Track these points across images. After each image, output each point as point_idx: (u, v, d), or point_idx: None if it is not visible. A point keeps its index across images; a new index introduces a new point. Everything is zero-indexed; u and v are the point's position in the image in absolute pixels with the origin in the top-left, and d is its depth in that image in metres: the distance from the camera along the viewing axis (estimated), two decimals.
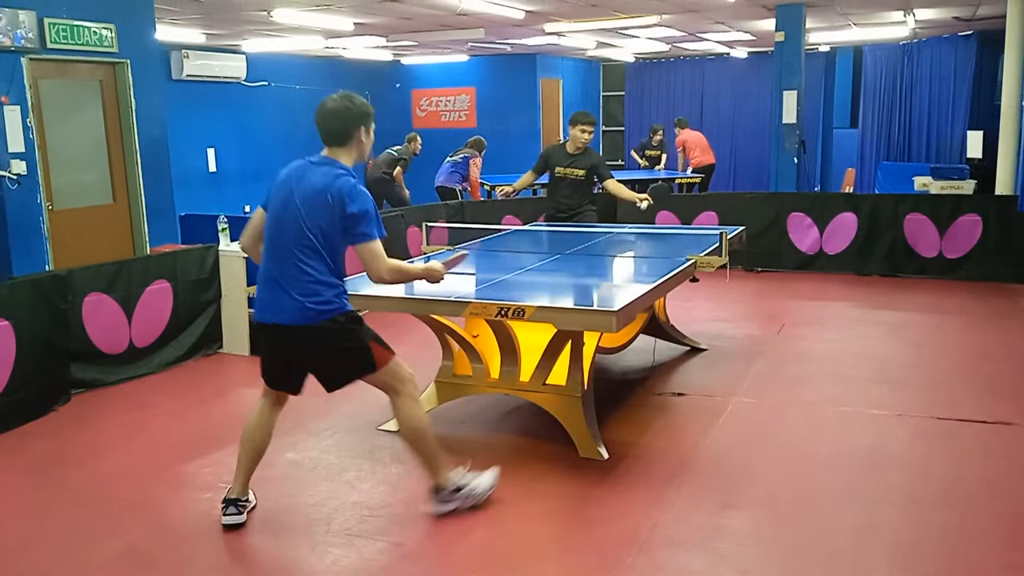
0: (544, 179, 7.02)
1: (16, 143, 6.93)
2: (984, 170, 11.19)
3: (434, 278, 3.73)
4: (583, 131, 6.56)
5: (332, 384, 3.62)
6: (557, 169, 6.64)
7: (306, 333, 3.43)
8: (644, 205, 6.32)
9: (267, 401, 3.74)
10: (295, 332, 3.44)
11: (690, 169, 13.09)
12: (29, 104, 7.05)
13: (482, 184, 11.66)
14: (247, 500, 3.71)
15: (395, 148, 11.41)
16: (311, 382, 3.65)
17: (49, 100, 7.33)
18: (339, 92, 3.55)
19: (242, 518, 3.64)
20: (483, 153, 11.73)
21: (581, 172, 6.58)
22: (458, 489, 3.70)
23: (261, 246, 3.59)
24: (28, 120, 7.03)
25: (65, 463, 4.43)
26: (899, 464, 4.20)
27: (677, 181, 12.91)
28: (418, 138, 11.73)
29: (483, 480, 3.79)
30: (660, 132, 13.76)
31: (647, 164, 13.71)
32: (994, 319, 7.00)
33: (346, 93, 3.56)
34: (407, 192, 11.46)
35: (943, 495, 3.84)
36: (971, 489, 3.90)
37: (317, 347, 3.48)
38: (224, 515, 3.63)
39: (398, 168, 11.25)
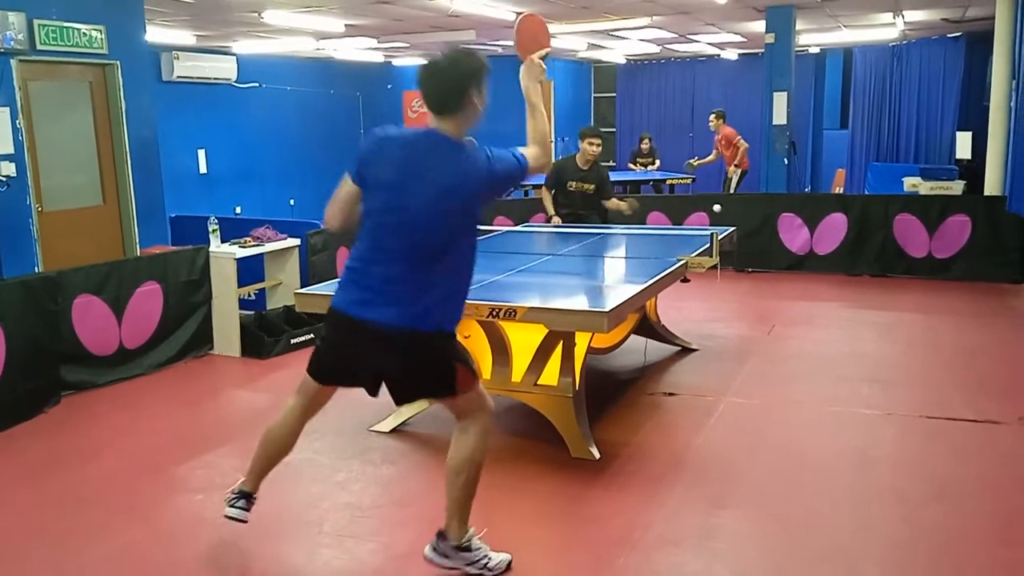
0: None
1: (5, 145, 6.91)
2: (973, 171, 11.27)
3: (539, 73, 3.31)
4: (591, 144, 6.83)
5: (407, 395, 3.29)
6: (569, 183, 6.92)
7: (404, 338, 3.00)
8: (626, 208, 6.82)
9: (299, 404, 3.34)
10: (393, 334, 2.99)
11: (739, 172, 11.57)
12: (19, 106, 7.02)
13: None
14: (255, 498, 3.42)
15: None
16: (295, 387, 3.47)
17: (39, 102, 7.31)
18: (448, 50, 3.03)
19: (246, 516, 3.36)
20: None
21: (591, 186, 6.90)
22: (464, 549, 3.24)
23: (348, 222, 3.19)
24: (18, 122, 7.00)
25: (55, 465, 4.40)
26: (890, 463, 4.22)
27: (668, 182, 12.93)
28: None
29: (495, 557, 3.28)
30: (648, 139, 13.67)
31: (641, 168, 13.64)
32: (983, 318, 7.03)
33: (455, 48, 3.04)
34: None
35: (935, 493, 3.85)
36: (962, 487, 3.92)
37: (411, 354, 3.06)
38: (230, 506, 3.37)
39: None
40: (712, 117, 11.82)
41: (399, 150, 3.05)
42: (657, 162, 13.56)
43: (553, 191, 7.04)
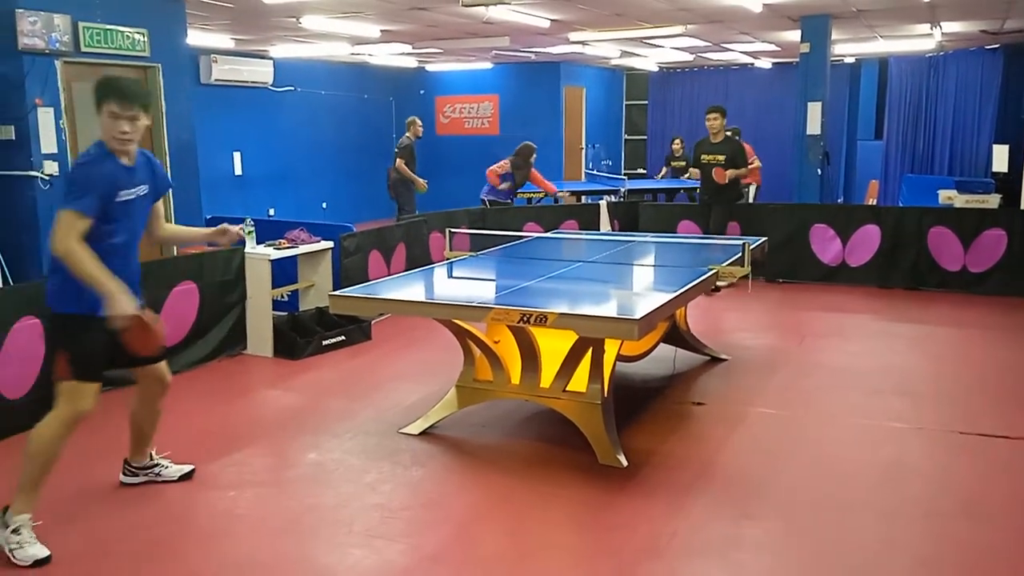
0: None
1: (49, 144, 7.07)
2: (1010, 184, 11.12)
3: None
4: (707, 119, 8.67)
5: None
6: (702, 157, 8.70)
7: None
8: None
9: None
10: None
11: (753, 186, 11.74)
12: (62, 106, 7.18)
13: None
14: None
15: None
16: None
17: (82, 102, 7.46)
18: None
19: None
20: (529, 161, 10.26)
21: (722, 157, 8.40)
22: (12, 529, 3.41)
23: None
24: (61, 122, 7.17)
25: (91, 460, 4.49)
26: (919, 478, 4.19)
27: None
28: (417, 121, 11.06)
29: (30, 547, 3.40)
30: (680, 141, 13.62)
31: (669, 174, 13.57)
32: (1017, 333, 6.94)
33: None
34: (422, 181, 10.64)
35: (963, 509, 3.82)
36: (992, 504, 3.89)
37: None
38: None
39: (398, 161, 10.61)
40: (729, 133, 11.77)
41: None
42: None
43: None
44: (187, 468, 4.15)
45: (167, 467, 4.14)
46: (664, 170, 13.83)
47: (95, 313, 3.39)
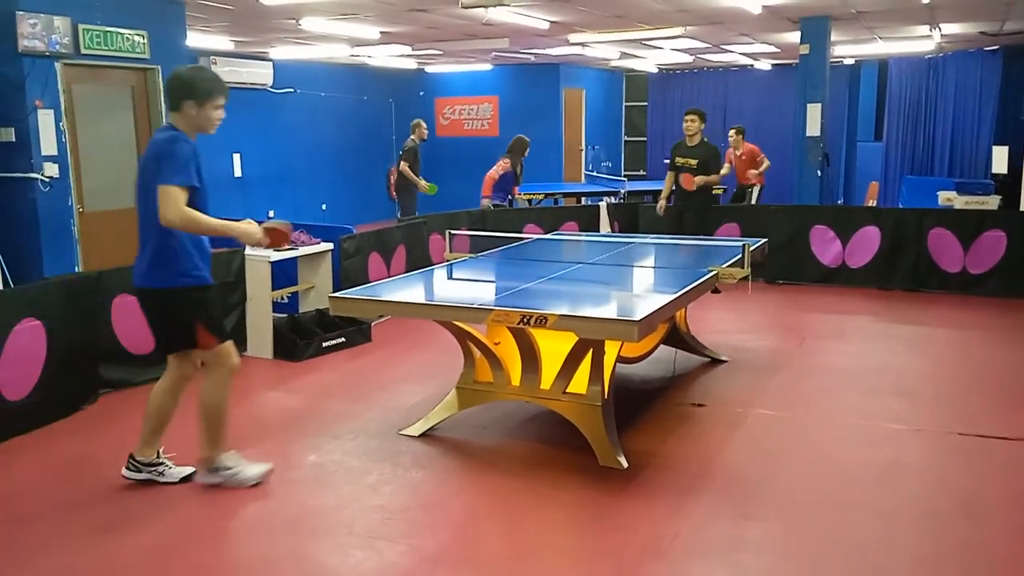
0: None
1: (49, 146, 7.08)
2: (1009, 186, 11.13)
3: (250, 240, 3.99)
4: (685, 120, 8.50)
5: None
6: (677, 160, 8.57)
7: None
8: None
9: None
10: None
11: (758, 188, 11.62)
12: (62, 108, 7.19)
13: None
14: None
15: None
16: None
17: (82, 105, 7.48)
18: None
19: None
20: (524, 155, 10.21)
21: (694, 162, 8.28)
22: (225, 467, 4.08)
23: None
24: (61, 124, 7.18)
25: (92, 462, 4.50)
26: (918, 478, 4.20)
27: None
28: (422, 124, 11.09)
29: (248, 469, 4.11)
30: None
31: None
32: (1016, 335, 6.95)
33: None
34: (424, 184, 10.63)
35: (962, 509, 3.83)
36: (990, 504, 3.90)
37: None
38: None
39: (402, 164, 10.62)
40: (733, 132, 11.73)
41: None
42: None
43: (674, 174, 8.64)
44: (188, 470, 4.16)
45: (170, 468, 4.16)
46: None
47: (208, 282, 3.97)
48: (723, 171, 11.89)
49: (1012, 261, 8.25)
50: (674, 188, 8.85)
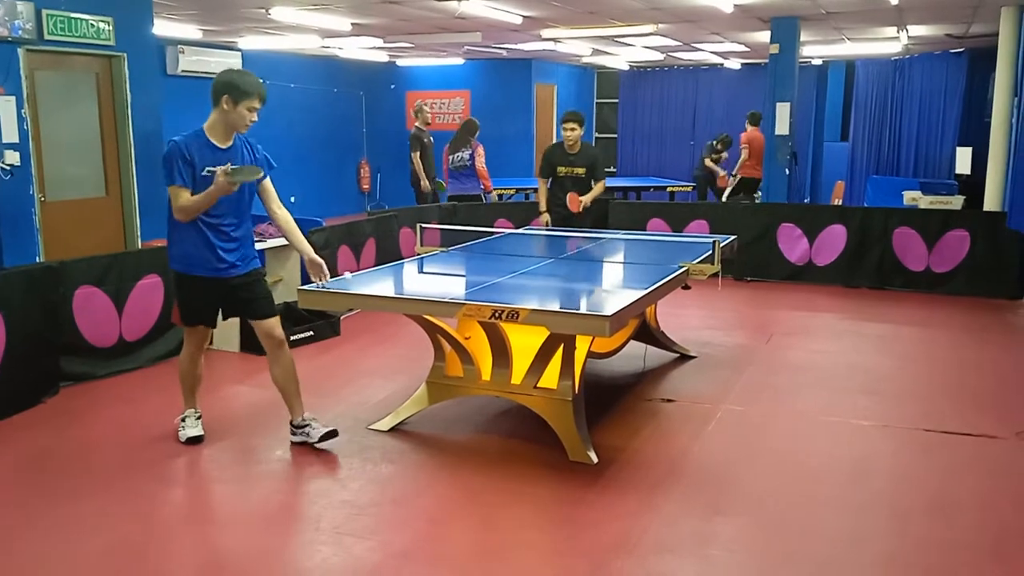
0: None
1: (10, 134, 6.93)
2: (972, 186, 11.31)
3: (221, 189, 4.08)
4: (564, 128, 7.23)
5: None
6: (559, 168, 7.27)
7: None
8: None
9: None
10: None
11: (736, 179, 11.91)
12: (24, 95, 7.04)
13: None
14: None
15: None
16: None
17: (45, 92, 7.33)
18: None
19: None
20: (477, 136, 10.01)
21: (581, 170, 7.18)
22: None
23: None
24: (23, 111, 7.02)
25: (53, 456, 4.41)
26: (886, 475, 4.24)
27: (669, 189, 12.92)
28: (424, 108, 10.53)
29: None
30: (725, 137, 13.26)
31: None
32: (980, 333, 7.06)
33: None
34: (425, 182, 10.17)
35: (929, 506, 3.87)
36: (956, 501, 3.94)
37: None
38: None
39: (412, 154, 10.15)
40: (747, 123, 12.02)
41: None
42: (724, 154, 13.11)
43: (549, 180, 7.41)
44: (327, 429, 4.46)
45: (315, 428, 4.46)
46: (722, 173, 13.10)
47: (191, 272, 4.32)
48: (742, 156, 12.03)
49: (975, 260, 8.37)
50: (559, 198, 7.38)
